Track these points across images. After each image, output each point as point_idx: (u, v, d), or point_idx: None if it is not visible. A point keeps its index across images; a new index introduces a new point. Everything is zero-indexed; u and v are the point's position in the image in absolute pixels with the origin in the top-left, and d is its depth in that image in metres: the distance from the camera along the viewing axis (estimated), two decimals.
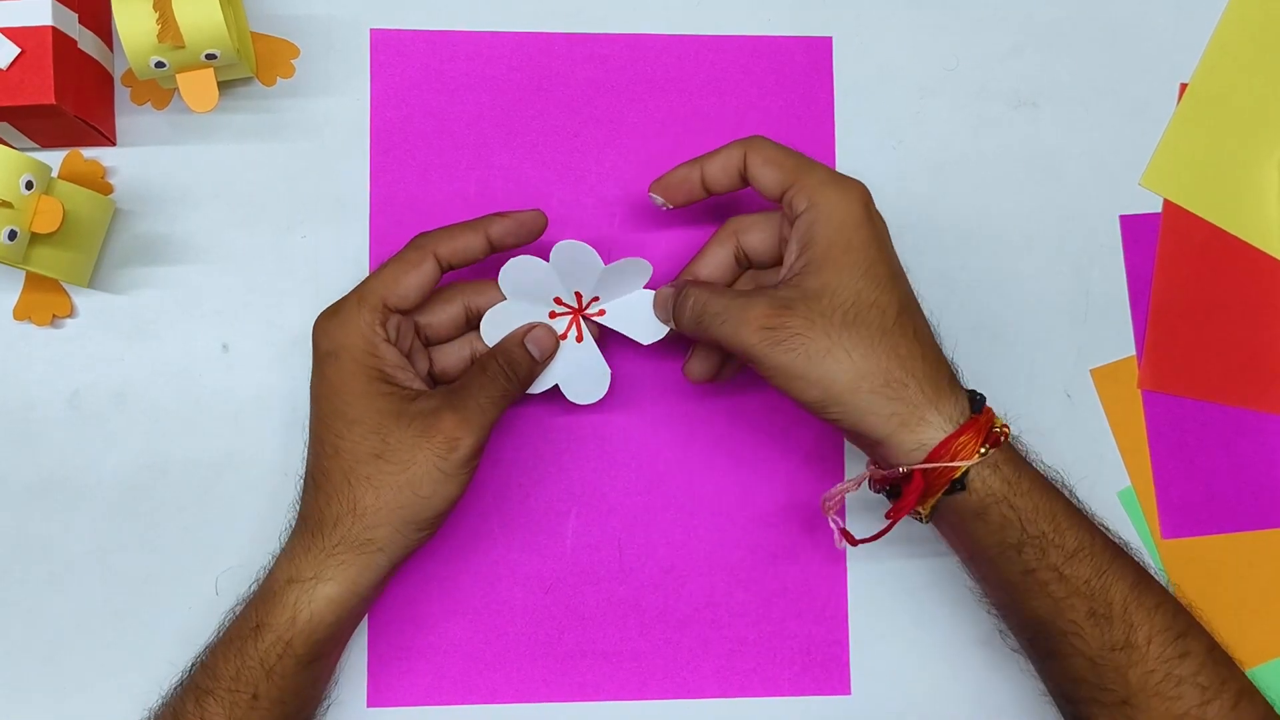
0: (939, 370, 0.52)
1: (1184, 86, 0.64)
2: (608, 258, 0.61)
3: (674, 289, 0.56)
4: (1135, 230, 0.64)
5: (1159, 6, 0.64)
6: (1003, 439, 0.52)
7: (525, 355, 0.56)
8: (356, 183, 0.62)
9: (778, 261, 0.57)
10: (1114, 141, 0.64)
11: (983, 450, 0.51)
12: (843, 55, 0.63)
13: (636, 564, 0.61)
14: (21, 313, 0.60)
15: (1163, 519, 0.62)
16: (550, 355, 0.57)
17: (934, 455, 0.51)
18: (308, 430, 0.55)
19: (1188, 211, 0.63)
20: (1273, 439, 0.63)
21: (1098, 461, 0.62)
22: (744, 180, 0.56)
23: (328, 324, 0.55)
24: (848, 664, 0.61)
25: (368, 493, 0.53)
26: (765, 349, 0.51)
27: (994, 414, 0.53)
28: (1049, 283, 0.63)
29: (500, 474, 0.61)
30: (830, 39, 0.63)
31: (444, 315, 0.57)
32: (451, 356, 0.58)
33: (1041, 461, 0.55)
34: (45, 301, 0.60)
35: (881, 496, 0.54)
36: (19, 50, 0.55)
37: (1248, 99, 0.64)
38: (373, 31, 0.62)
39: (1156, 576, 0.53)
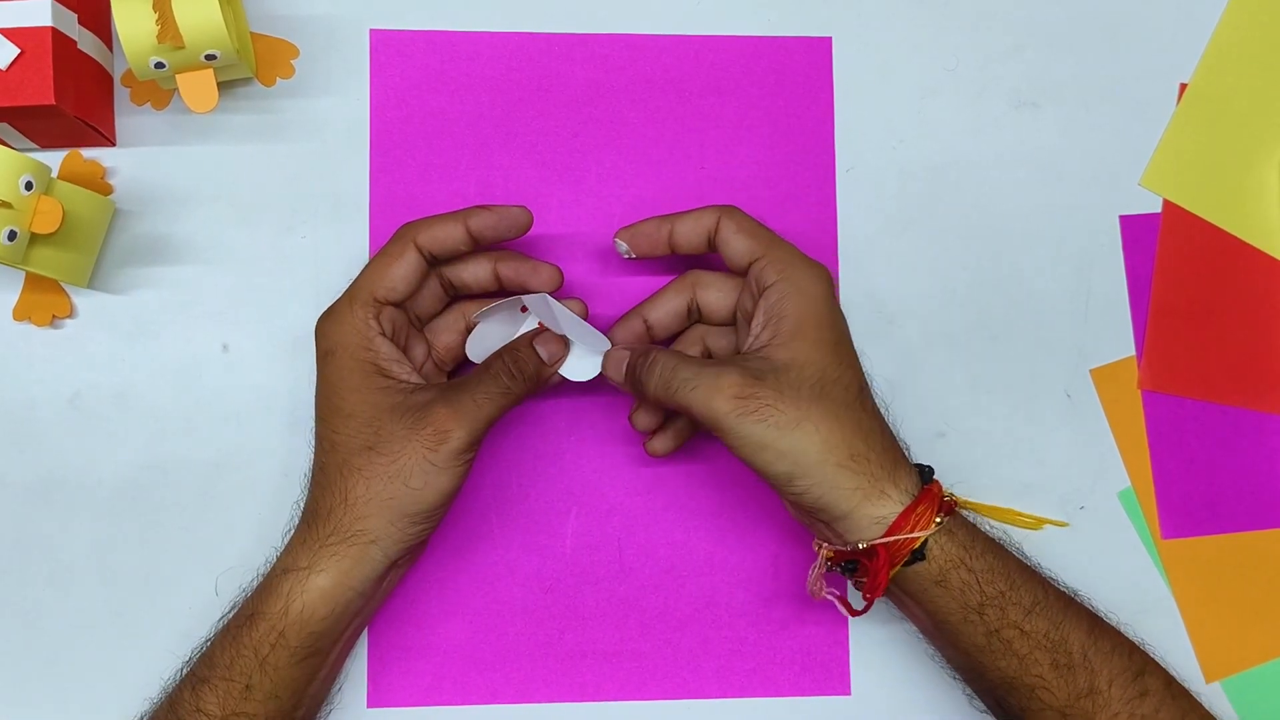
0: (894, 445, 0.54)
1: (1184, 86, 0.64)
2: (606, 259, 0.62)
3: (629, 351, 0.56)
4: (1135, 230, 0.63)
5: (1159, 6, 0.64)
6: (954, 506, 0.54)
7: (533, 355, 0.56)
8: (356, 183, 0.61)
9: (728, 322, 0.58)
10: (1114, 141, 0.64)
11: (939, 519, 0.52)
12: (843, 55, 0.63)
13: (636, 564, 0.61)
14: (21, 313, 0.60)
15: (1163, 519, 0.62)
16: (559, 361, 0.57)
17: (894, 528, 0.52)
18: (313, 432, 0.55)
19: (1188, 212, 0.63)
20: (1273, 439, 0.63)
21: (1098, 462, 0.62)
22: (711, 245, 0.57)
23: (325, 325, 0.55)
24: (848, 664, 0.61)
25: (359, 484, 0.53)
26: (735, 419, 0.52)
27: (942, 484, 0.54)
28: (1049, 283, 0.63)
29: (500, 474, 0.61)
30: (830, 39, 0.63)
31: (426, 292, 0.57)
32: (449, 330, 0.58)
33: (987, 523, 0.57)
34: (45, 302, 0.60)
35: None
36: (18, 51, 0.55)
37: (1248, 99, 0.64)
38: (372, 32, 0.62)
39: (1108, 620, 0.55)
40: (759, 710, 0.61)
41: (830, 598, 0.57)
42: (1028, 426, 0.62)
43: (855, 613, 0.56)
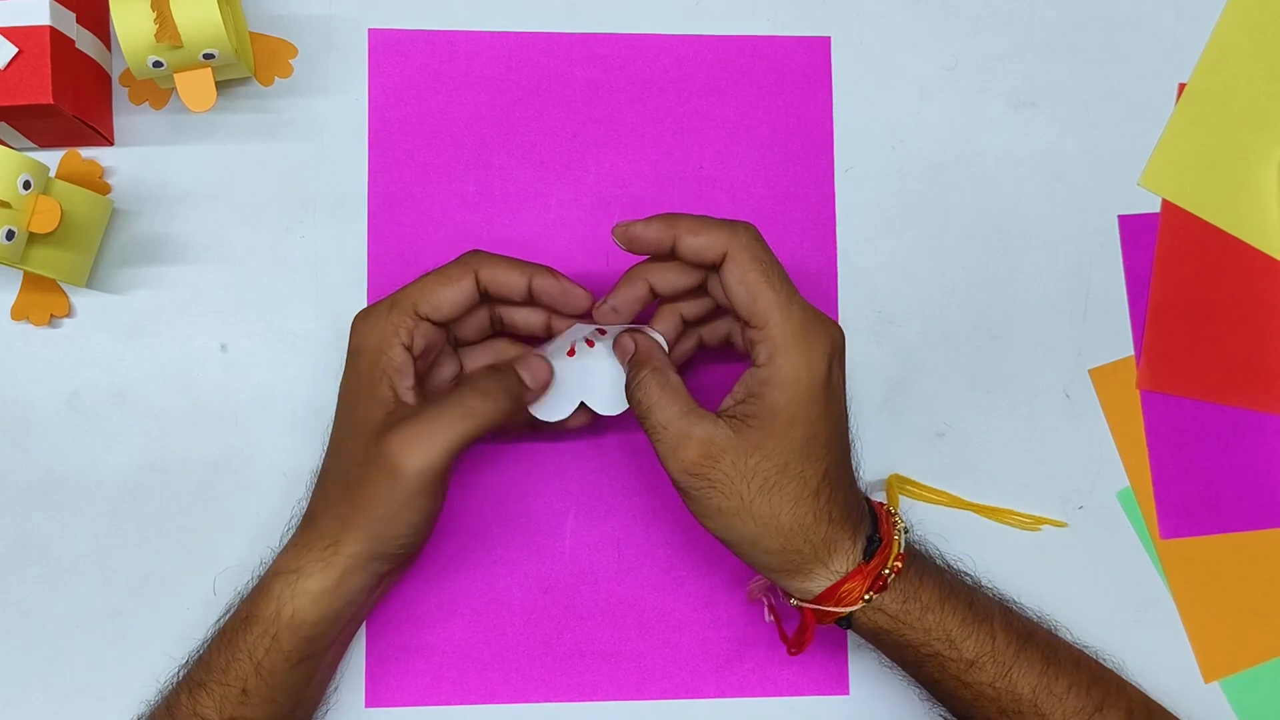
0: (841, 529, 0.52)
1: (1183, 86, 0.64)
2: (606, 259, 0.62)
3: (635, 348, 0.54)
4: (1134, 230, 0.63)
5: (1159, 6, 0.64)
6: (893, 576, 0.53)
7: (511, 377, 0.54)
8: (355, 182, 0.61)
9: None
10: (1113, 141, 0.64)
11: (867, 598, 0.52)
12: (842, 55, 0.63)
13: (635, 564, 0.61)
14: (19, 313, 0.60)
15: (1161, 519, 0.62)
16: (542, 384, 0.55)
17: (820, 599, 0.53)
18: (312, 430, 0.55)
19: (1186, 212, 0.63)
20: (1272, 439, 0.63)
21: (1097, 462, 0.62)
22: (714, 267, 0.52)
23: (359, 323, 0.54)
24: (846, 664, 0.61)
25: (343, 497, 0.53)
26: (684, 484, 0.52)
27: (891, 552, 0.53)
28: (1049, 283, 0.63)
29: (499, 474, 0.61)
30: (829, 39, 0.63)
31: (473, 320, 0.56)
32: (478, 360, 0.57)
33: (943, 558, 0.56)
34: (43, 301, 0.60)
35: None
36: (17, 50, 0.55)
37: (1247, 99, 0.64)
38: (371, 31, 0.62)
39: (1070, 653, 0.55)
40: (758, 710, 0.61)
41: (764, 603, 0.58)
42: (1027, 426, 0.62)
43: (786, 645, 0.56)
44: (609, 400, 0.56)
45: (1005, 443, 0.62)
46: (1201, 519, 0.62)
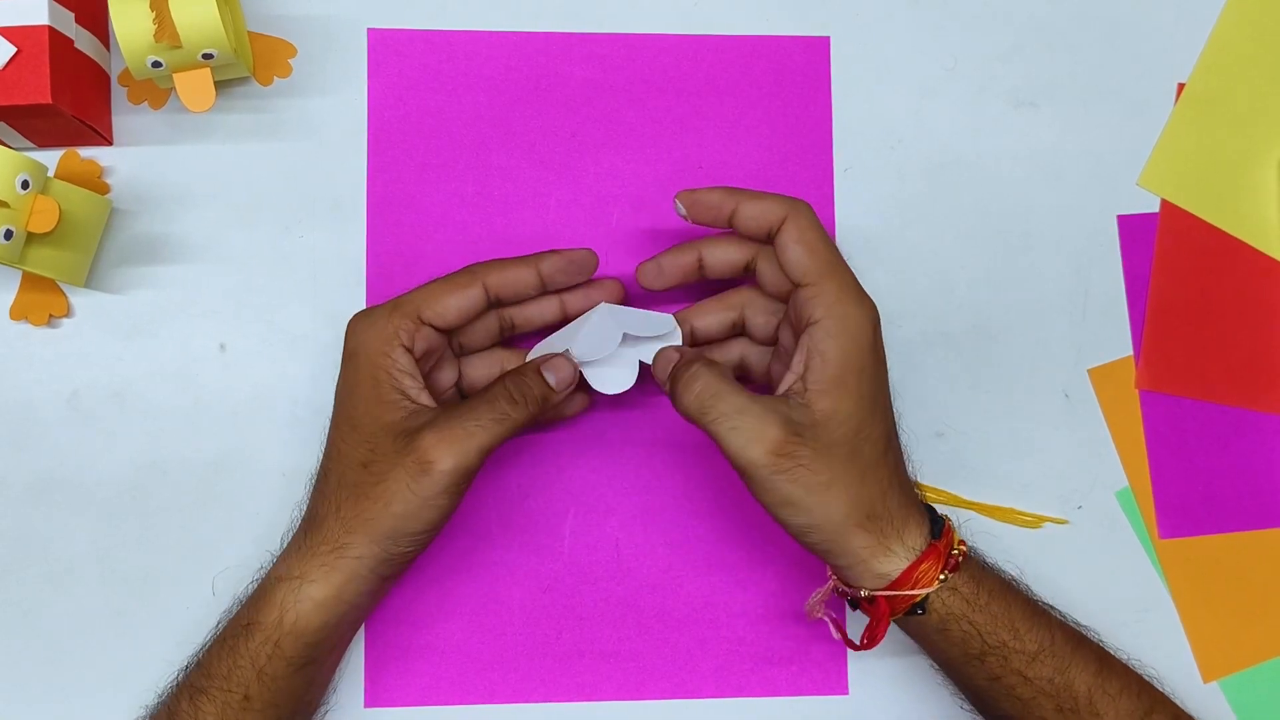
0: (909, 498, 0.53)
1: (1182, 86, 0.64)
2: (605, 259, 0.62)
3: (680, 354, 0.54)
4: (1133, 230, 0.63)
5: (1158, 6, 0.64)
6: (961, 559, 0.53)
7: (539, 381, 0.54)
8: (354, 183, 0.61)
9: (771, 341, 0.57)
10: (1112, 141, 0.64)
11: (943, 577, 0.52)
12: (841, 55, 0.63)
13: (634, 564, 0.61)
14: (18, 312, 0.60)
15: (1160, 519, 0.62)
16: (567, 385, 0.55)
17: (897, 583, 0.52)
18: (313, 430, 0.55)
19: (1186, 211, 0.63)
20: (1271, 439, 0.63)
21: (1096, 462, 0.62)
22: (769, 239, 0.54)
23: (357, 324, 0.54)
24: (845, 664, 0.61)
25: (349, 498, 0.53)
26: (768, 473, 0.51)
27: (954, 534, 0.54)
28: (1048, 283, 0.63)
29: (498, 474, 0.61)
30: (828, 39, 0.63)
31: (480, 327, 0.56)
32: (479, 369, 0.58)
33: (993, 564, 0.56)
34: (42, 301, 0.60)
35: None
36: (15, 49, 0.55)
37: (1246, 99, 0.64)
38: (370, 31, 0.62)
39: (1118, 658, 0.56)
40: (757, 710, 0.61)
41: (827, 621, 0.57)
42: (1026, 426, 0.62)
43: (854, 646, 0.56)
44: (605, 379, 0.56)
45: (1005, 443, 0.62)
46: (1200, 519, 0.62)
